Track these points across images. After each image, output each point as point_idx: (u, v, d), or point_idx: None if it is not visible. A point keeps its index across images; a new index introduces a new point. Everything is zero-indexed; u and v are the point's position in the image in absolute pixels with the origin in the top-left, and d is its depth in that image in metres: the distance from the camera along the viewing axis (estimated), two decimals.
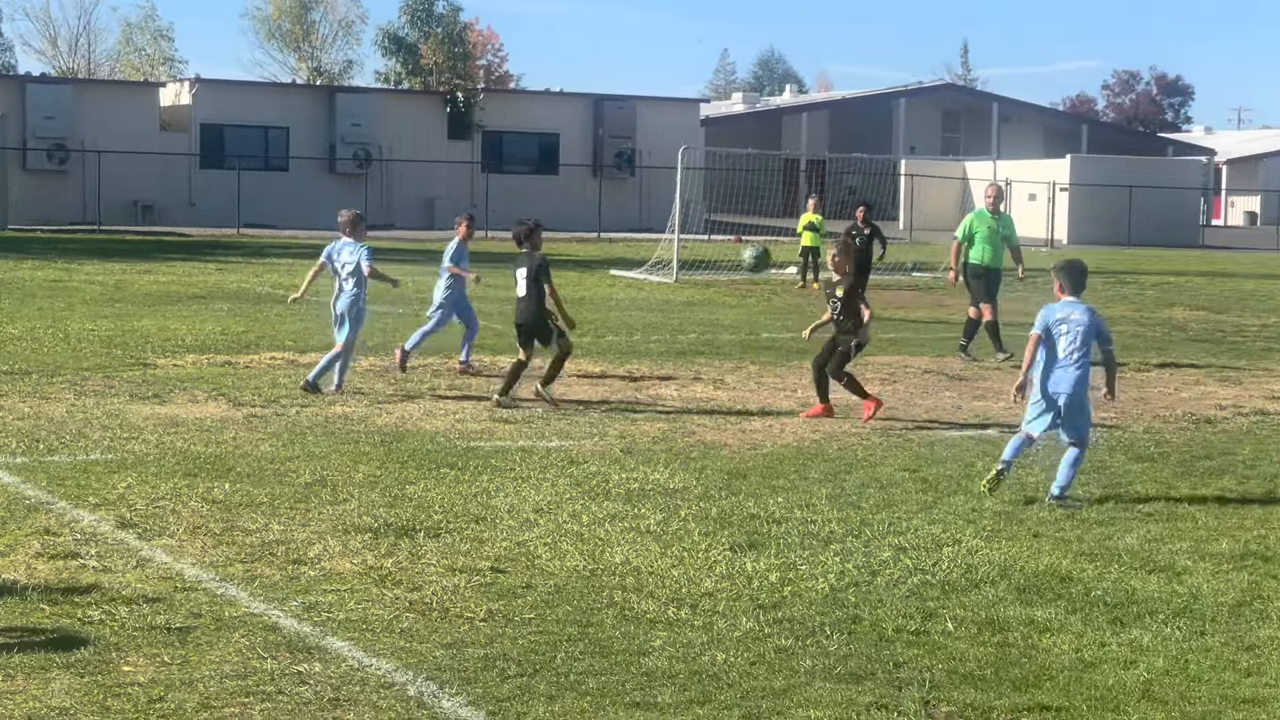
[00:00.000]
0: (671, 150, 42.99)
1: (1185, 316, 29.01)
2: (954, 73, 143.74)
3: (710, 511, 10.69)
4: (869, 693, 7.01)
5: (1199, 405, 16.59)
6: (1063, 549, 9.81)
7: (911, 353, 21.10)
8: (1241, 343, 23.82)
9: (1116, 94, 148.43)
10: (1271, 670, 7.46)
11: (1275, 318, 28.95)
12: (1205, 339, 23.72)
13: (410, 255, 41.07)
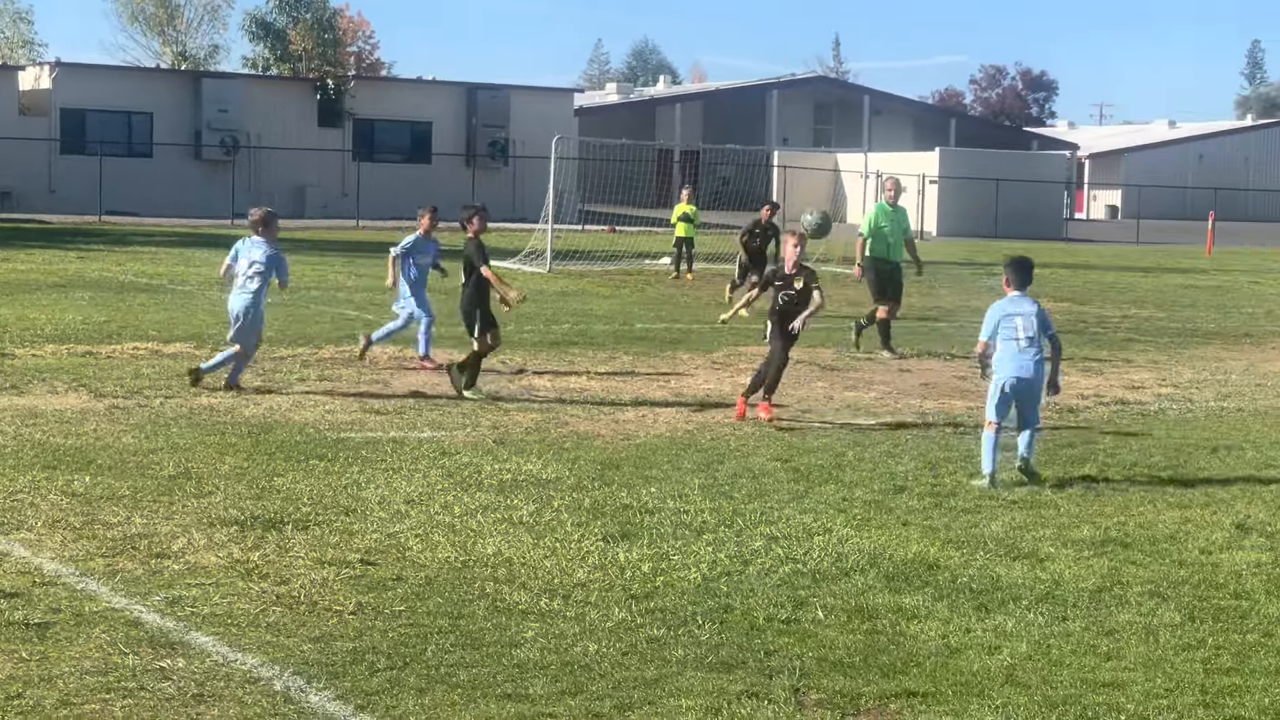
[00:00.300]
0: (545, 140, 42.90)
1: (1049, 308, 29.41)
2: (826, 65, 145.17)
3: (583, 502, 10.68)
4: (740, 681, 7.04)
5: (1062, 395, 16.83)
6: (930, 537, 9.92)
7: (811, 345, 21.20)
8: (1103, 334, 24.25)
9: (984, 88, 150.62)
10: (1130, 654, 7.60)
11: (1136, 309, 29.51)
12: (1068, 330, 24.08)
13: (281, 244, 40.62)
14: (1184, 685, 7.13)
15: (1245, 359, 21.09)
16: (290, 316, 21.81)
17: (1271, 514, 10.83)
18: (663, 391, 16.16)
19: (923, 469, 12.14)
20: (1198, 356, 21.25)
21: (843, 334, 20.88)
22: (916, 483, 11.61)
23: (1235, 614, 8.34)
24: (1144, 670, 7.35)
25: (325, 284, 28.26)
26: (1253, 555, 9.64)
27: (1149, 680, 7.20)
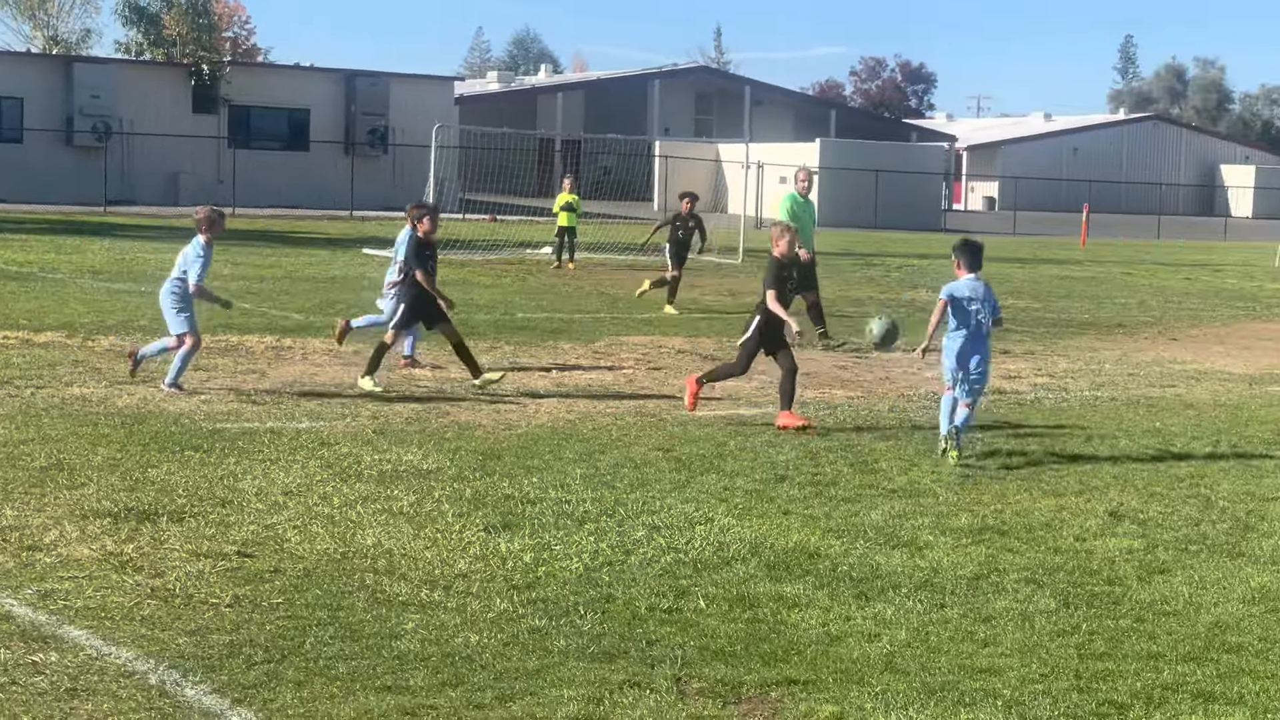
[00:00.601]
0: (425, 128, 42.66)
1: (929, 298, 29.76)
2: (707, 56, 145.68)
3: (464, 492, 10.63)
4: (622, 671, 7.04)
5: (940, 385, 17.02)
6: (811, 526, 9.98)
7: (665, 333, 21.27)
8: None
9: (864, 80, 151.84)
10: (1007, 640, 7.70)
11: (1013, 299, 29.90)
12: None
13: (153, 232, 40.06)
14: (1059, 670, 7.23)
15: (1119, 349, 21.45)
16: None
17: (1143, 501, 11.02)
18: (544, 382, 16.11)
19: (803, 459, 12.21)
20: (1072, 346, 21.58)
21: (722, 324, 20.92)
22: (797, 472, 11.68)
23: (1108, 600, 8.48)
24: (1020, 656, 7.44)
25: None
26: (1125, 542, 9.80)
27: (1025, 666, 7.29)
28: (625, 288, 28.71)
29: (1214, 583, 8.87)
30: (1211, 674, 7.22)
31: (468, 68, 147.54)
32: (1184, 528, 10.25)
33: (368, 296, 24.89)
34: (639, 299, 24.95)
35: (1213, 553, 9.59)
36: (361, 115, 60.54)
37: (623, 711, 6.52)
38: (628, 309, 24.66)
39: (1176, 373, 18.83)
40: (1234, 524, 10.39)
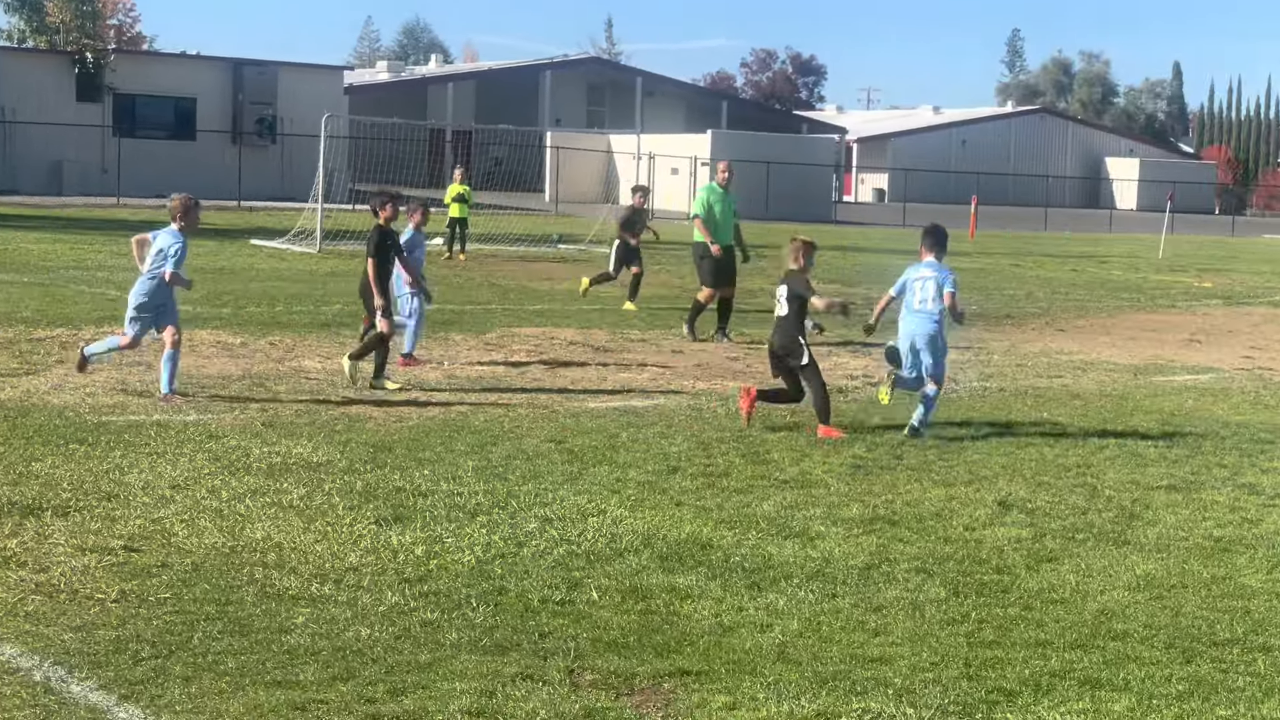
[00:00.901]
0: (314, 118, 42.24)
1: (818, 289, 29.93)
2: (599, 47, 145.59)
3: (355, 485, 10.54)
4: (515, 663, 7.01)
5: (831, 376, 17.14)
6: (704, 517, 10.00)
7: (557, 324, 21.23)
8: (869, 315, 24.69)
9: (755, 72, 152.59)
10: (897, 629, 7.76)
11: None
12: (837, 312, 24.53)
13: (36, 222, 39.40)
14: (949, 658, 7.29)
15: (1007, 340, 21.70)
16: (48, 296, 21.15)
17: (1031, 491, 11.15)
18: (435, 373, 16.02)
19: (695, 450, 12.24)
20: (961, 338, 21.77)
21: (615, 315, 20.92)
22: (690, 463, 11.70)
23: (997, 588, 8.57)
24: (910, 645, 7.50)
25: (85, 263, 27.43)
26: (1014, 531, 9.91)
27: (915, 654, 7.35)
28: (516, 279, 28.66)
29: (1100, 571, 9.00)
30: (1098, 661, 7.32)
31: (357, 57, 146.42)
32: (1071, 517, 10.38)
33: (255, 288, 24.64)
34: (583, 297, 24.37)
35: (1099, 541, 9.72)
36: (249, 104, 59.80)
37: (515, 704, 6.50)
38: (519, 300, 24.59)
39: (1063, 363, 19.08)
40: (1120, 513, 10.54)
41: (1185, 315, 27.27)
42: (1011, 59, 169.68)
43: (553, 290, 26.69)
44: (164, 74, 60.33)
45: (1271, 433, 13.97)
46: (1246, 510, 10.72)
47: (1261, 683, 7.05)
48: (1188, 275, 39.09)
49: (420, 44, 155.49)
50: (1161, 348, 21.38)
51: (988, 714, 6.57)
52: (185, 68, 61.66)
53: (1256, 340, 23.02)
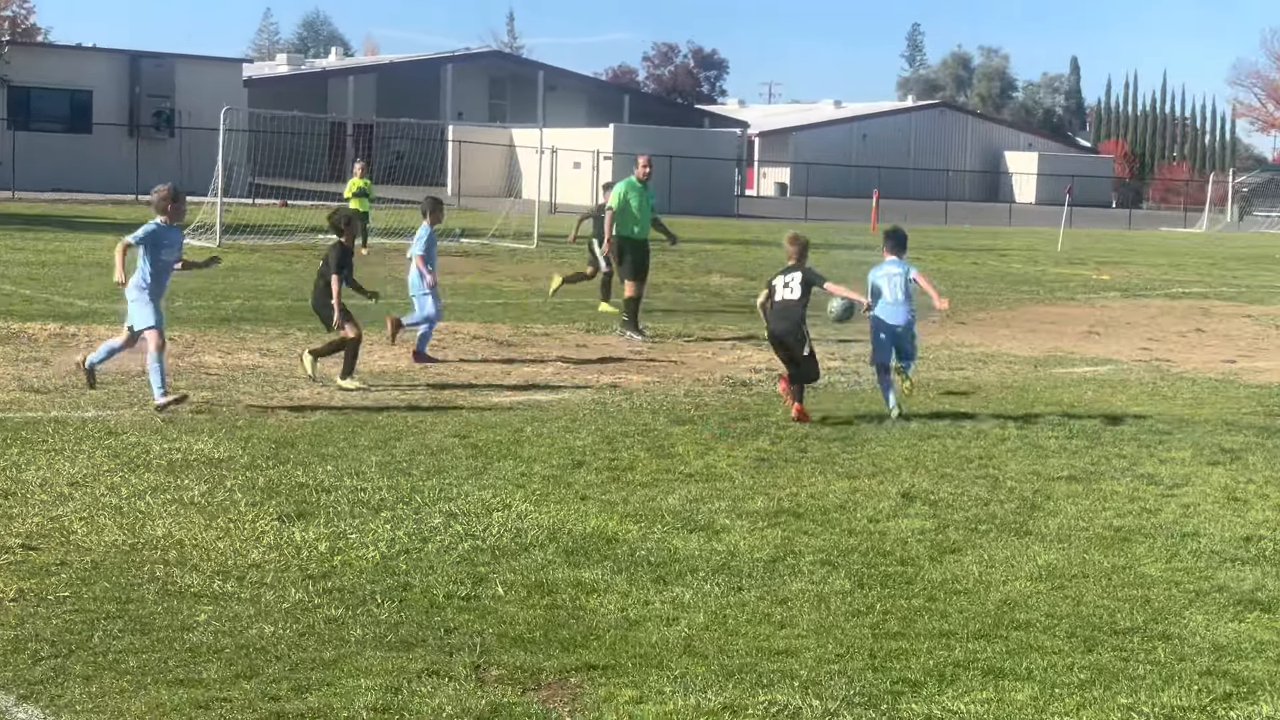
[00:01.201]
0: (213, 111, 41.79)
1: (721, 283, 30.08)
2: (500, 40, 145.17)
3: (257, 481, 10.43)
4: (420, 660, 6.96)
5: (736, 369, 17.22)
6: (609, 511, 9.99)
7: (460, 319, 21.14)
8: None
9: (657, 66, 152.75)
10: (803, 622, 7.78)
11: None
12: (741, 305, 24.62)
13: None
14: (854, 650, 7.33)
15: None
16: None
17: (934, 482, 11.23)
18: (338, 368, 15.86)
19: (600, 444, 12.22)
20: (863, 330, 21.91)
21: (518, 310, 20.85)
22: (595, 457, 11.68)
23: (901, 580, 8.62)
24: (816, 637, 7.53)
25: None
26: (917, 523, 9.98)
27: (820, 646, 7.37)
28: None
29: (1003, 561, 9.08)
30: (1001, 650, 7.38)
31: (256, 50, 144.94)
32: (973, 508, 10.47)
33: None
34: (553, 296, 23.99)
35: (1001, 532, 9.81)
36: (146, 97, 59.11)
37: (421, 700, 6.45)
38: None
39: (964, 356, 19.26)
40: (1021, 503, 10.65)
41: (1084, 308, 27.62)
42: (912, 54, 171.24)
43: (456, 285, 26.56)
44: (59, 66, 59.47)
45: (1169, 423, 14.17)
46: (1145, 500, 10.86)
47: (1161, 670, 7.14)
48: (1086, 268, 39.59)
49: (320, 37, 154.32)
50: (1061, 340, 21.64)
51: (893, 705, 6.61)
52: (81, 60, 60.79)
53: (1154, 332, 23.35)
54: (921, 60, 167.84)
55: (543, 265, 31.97)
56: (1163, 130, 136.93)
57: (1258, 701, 6.75)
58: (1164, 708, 6.64)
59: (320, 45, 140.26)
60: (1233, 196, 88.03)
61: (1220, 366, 19.09)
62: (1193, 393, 16.53)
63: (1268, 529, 10.06)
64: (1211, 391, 16.68)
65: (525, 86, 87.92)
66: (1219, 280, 37.02)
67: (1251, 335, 23.45)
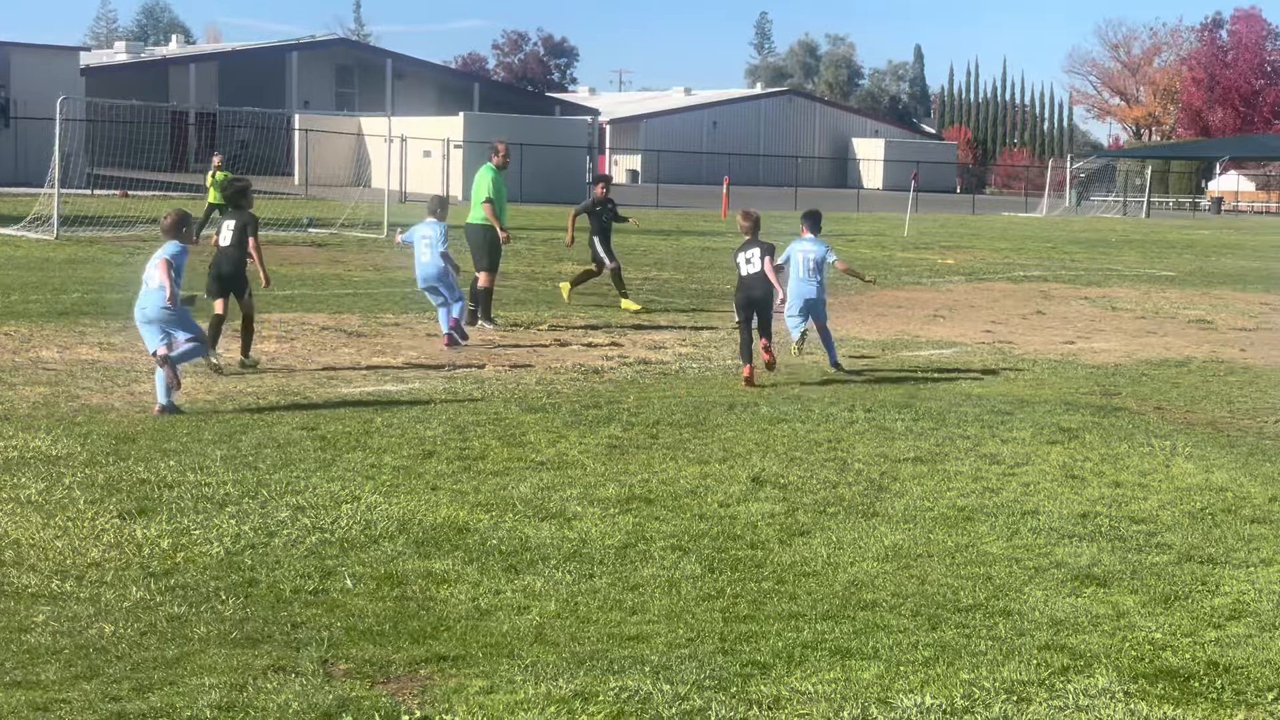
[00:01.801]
0: (49, 100, 40.78)
1: (574, 270, 30.03)
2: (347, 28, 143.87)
3: (96, 478, 10.22)
4: (266, 655, 6.87)
5: (587, 356, 17.21)
6: (460, 501, 9.93)
7: (309, 309, 20.91)
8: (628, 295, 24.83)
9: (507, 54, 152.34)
10: (654, 607, 7.80)
11: (657, 271, 30.42)
12: (592, 292, 24.60)
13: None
14: (704, 634, 7.36)
15: None
16: None
17: (784, 466, 11.32)
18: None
19: (451, 434, 12.15)
20: (715, 316, 22.05)
21: (368, 300, 20.66)
22: (445, 447, 11.61)
23: (751, 563, 8.68)
24: (667, 622, 7.55)
25: None
26: (767, 506, 10.05)
27: (672, 631, 7.40)
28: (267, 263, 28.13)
29: (850, 543, 9.17)
30: (848, 630, 7.46)
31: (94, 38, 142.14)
32: (822, 490, 10.57)
33: None
34: (570, 303, 23.25)
35: (849, 514, 9.92)
36: None
37: (267, 697, 6.36)
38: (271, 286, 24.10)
39: (813, 340, 19.40)
40: (869, 485, 10.77)
41: (930, 291, 28.01)
42: (760, 41, 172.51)
43: (304, 275, 26.27)
44: None
45: (1011, 404, 14.42)
46: (988, 480, 11.04)
47: (1002, 645, 7.27)
48: (932, 252, 40.15)
49: (160, 24, 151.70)
50: (908, 324, 21.92)
51: (742, 687, 6.65)
52: None
53: (996, 314, 23.75)
54: (770, 48, 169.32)
55: (393, 255, 31.71)
56: (1004, 117, 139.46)
57: (1094, 674, 6.90)
58: (1004, 682, 6.75)
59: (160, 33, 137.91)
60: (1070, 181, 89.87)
61: (1060, 348, 19.47)
62: (1033, 374, 16.85)
63: (1103, 506, 10.29)
64: (1051, 372, 17.01)
65: (373, 75, 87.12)
66: (1058, 264, 37.76)
67: (1089, 317, 23.95)
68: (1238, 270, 37.37)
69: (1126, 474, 11.37)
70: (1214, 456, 12.13)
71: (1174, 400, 15.18)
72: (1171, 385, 16.22)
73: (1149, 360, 18.40)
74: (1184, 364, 18.12)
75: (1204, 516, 10.06)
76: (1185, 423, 13.85)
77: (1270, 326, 23.32)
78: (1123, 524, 9.78)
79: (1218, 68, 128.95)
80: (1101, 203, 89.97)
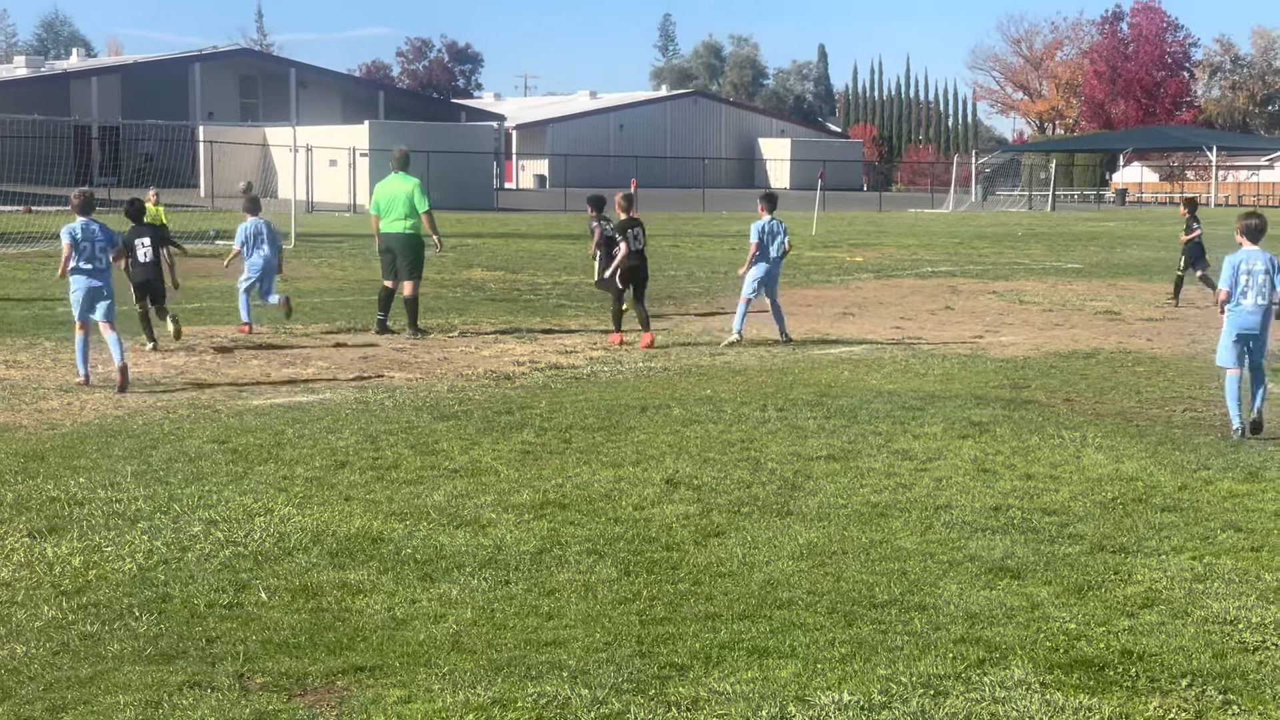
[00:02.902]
0: None
1: (483, 277, 29.99)
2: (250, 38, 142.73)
3: (5, 497, 10.08)
4: (181, 672, 6.81)
5: (499, 362, 17.18)
6: (373, 510, 9.89)
7: (217, 322, 20.73)
8: (536, 300, 24.85)
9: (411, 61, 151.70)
10: (571, 612, 7.80)
11: (566, 275, 30.41)
12: (503, 298, 24.60)
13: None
14: (622, 638, 7.37)
15: (668, 321, 22.06)
16: None
17: (697, 467, 11.35)
18: (113, 364, 15.44)
19: (363, 443, 12.09)
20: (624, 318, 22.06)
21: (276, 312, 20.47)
22: (358, 457, 11.55)
23: (667, 565, 8.70)
24: (584, 626, 7.56)
25: None
26: (682, 508, 10.07)
27: (589, 635, 7.40)
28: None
29: (765, 542, 9.22)
30: (765, 630, 7.49)
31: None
32: (736, 491, 10.61)
33: None
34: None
35: (764, 513, 9.96)
36: None
37: (182, 713, 6.30)
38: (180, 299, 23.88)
39: (726, 340, 19.49)
40: (782, 484, 10.82)
41: (839, 289, 28.19)
42: (664, 43, 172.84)
43: (211, 287, 26.02)
44: None
45: (922, 400, 14.54)
46: (901, 475, 11.13)
47: (918, 640, 7.33)
48: (840, 250, 40.41)
49: (60, 38, 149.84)
50: (818, 322, 22.06)
51: (660, 689, 6.66)
52: None
53: (905, 311, 23.94)
54: (674, 50, 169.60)
55: (300, 265, 31.51)
56: (909, 114, 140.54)
57: (1009, 666, 6.97)
58: (921, 676, 6.81)
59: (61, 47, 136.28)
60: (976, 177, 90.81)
61: (969, 342, 19.66)
62: (943, 369, 17.00)
63: (1015, 499, 10.40)
64: (961, 367, 17.18)
65: (277, 84, 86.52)
66: (965, 259, 38.12)
67: (997, 311, 24.20)
68: (1143, 261, 37.89)
69: (1038, 466, 11.50)
70: (1124, 447, 12.30)
71: (1083, 392, 15.37)
72: (1080, 377, 16.43)
73: (1057, 352, 18.62)
74: (1092, 355, 18.35)
75: (1115, 506, 10.20)
76: (1094, 414, 14.03)
77: (1176, 316, 23.67)
78: (1035, 516, 9.89)
79: (1119, 60, 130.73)
80: (1007, 197, 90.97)
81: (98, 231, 15.29)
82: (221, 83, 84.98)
